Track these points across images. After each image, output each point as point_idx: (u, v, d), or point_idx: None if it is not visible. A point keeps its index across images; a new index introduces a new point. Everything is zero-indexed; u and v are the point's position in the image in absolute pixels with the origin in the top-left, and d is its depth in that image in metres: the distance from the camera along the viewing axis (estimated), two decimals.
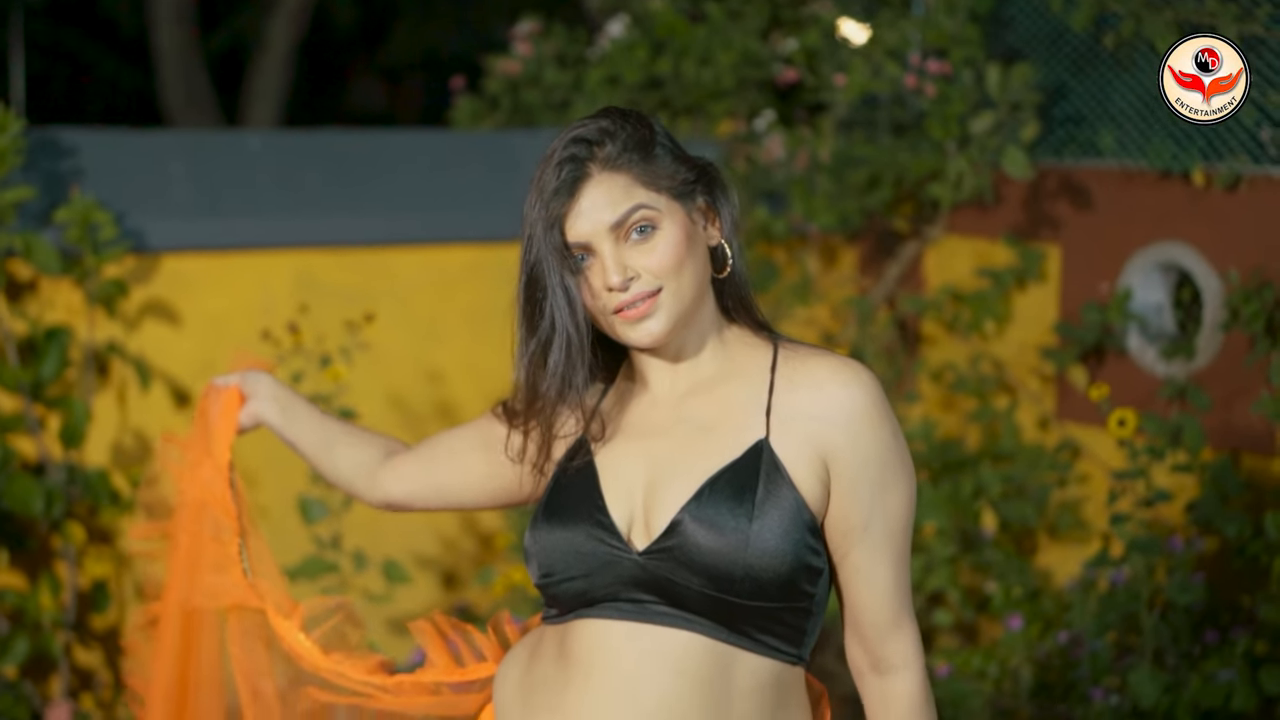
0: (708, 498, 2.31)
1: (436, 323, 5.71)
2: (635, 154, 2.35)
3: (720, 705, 2.33)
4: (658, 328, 2.35)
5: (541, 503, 2.43)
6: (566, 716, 2.36)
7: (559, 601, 2.39)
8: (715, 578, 2.29)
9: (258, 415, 2.96)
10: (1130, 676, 4.58)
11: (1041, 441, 5.56)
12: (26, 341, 4.94)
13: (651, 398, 2.44)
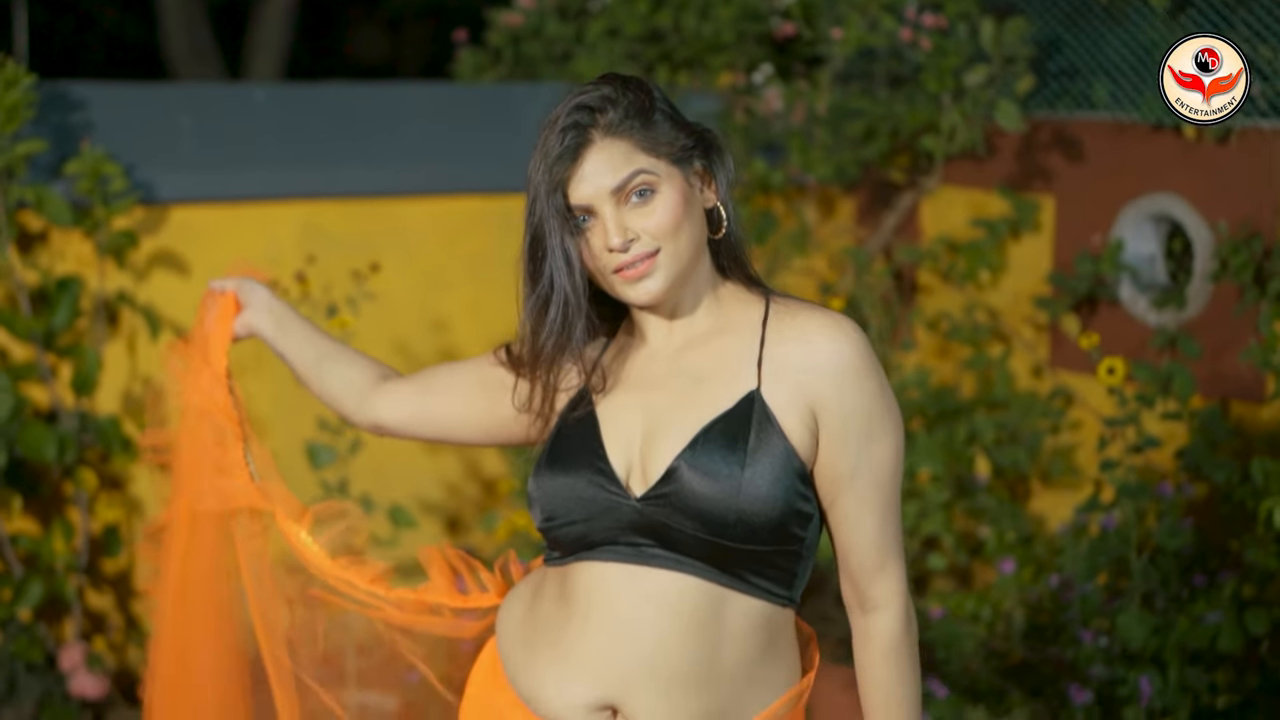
0: (702, 446, 2.41)
1: (441, 271, 5.81)
2: (636, 121, 2.44)
3: (713, 645, 2.44)
4: (656, 287, 2.44)
5: (544, 450, 2.52)
6: (566, 653, 2.46)
7: (560, 545, 2.49)
8: (709, 522, 2.39)
9: (251, 325, 2.98)
10: (1119, 619, 4.69)
11: (1035, 389, 5.66)
12: (38, 291, 5.04)
13: (649, 351, 2.54)
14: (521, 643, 2.54)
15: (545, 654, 2.49)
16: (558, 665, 2.47)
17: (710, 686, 2.45)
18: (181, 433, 2.99)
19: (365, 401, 2.87)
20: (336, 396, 2.92)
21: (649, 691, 2.43)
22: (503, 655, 2.57)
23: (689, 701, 2.44)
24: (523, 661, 2.52)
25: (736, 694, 2.48)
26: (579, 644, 2.46)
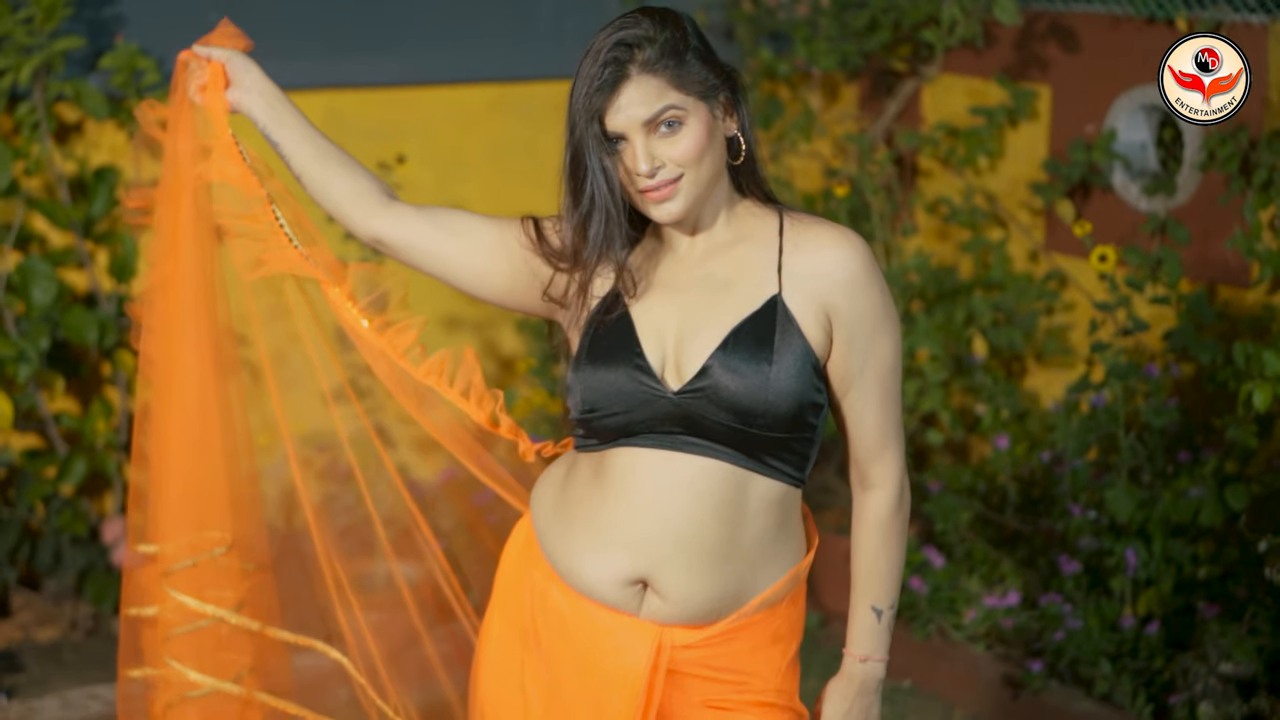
0: (733, 345, 2.66)
1: (460, 158, 6.02)
2: (670, 59, 2.66)
3: (735, 523, 2.70)
4: (677, 208, 2.68)
5: (583, 347, 2.73)
6: (602, 531, 2.70)
7: (598, 433, 2.72)
8: (740, 413, 2.64)
9: (242, 105, 2.93)
10: (1107, 494, 4.95)
11: (1030, 271, 5.89)
12: (76, 181, 5.26)
13: (675, 256, 2.78)
14: (557, 522, 2.77)
15: (582, 532, 2.72)
16: (594, 542, 2.70)
17: (730, 561, 2.70)
18: (166, 197, 3.01)
19: (372, 213, 2.87)
20: (340, 200, 2.88)
21: (677, 566, 2.68)
22: (538, 533, 2.80)
23: (712, 575, 2.69)
24: (559, 539, 2.75)
25: (752, 569, 2.73)
26: (615, 523, 2.69)
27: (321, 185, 2.89)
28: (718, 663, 2.74)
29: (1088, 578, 5.08)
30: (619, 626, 2.71)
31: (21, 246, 5.26)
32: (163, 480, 3.06)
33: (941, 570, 5.32)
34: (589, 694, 2.73)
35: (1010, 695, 5.02)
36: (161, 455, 3.06)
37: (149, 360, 3.09)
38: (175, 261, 3.01)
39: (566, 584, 2.74)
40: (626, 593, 2.70)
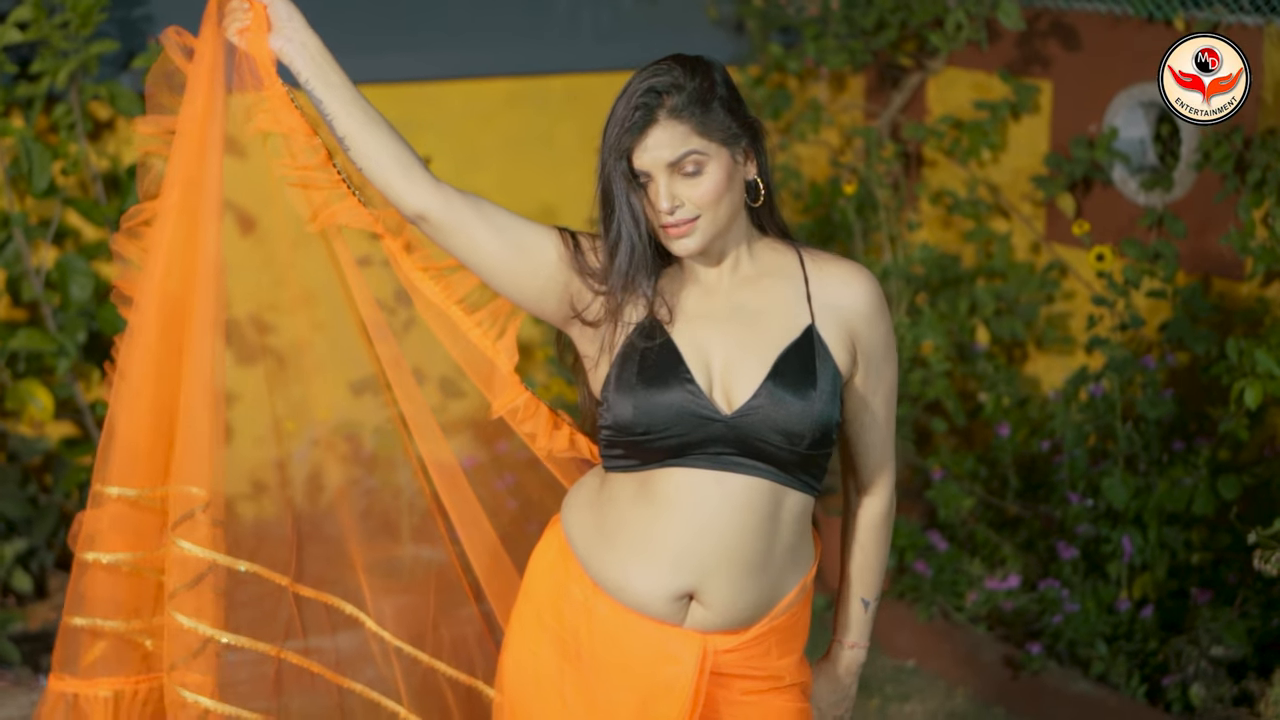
0: (781, 372, 2.86)
1: (477, 151, 6.19)
2: (696, 108, 2.83)
3: (772, 533, 2.90)
4: (694, 244, 2.86)
5: (629, 371, 2.88)
6: (654, 549, 2.88)
7: (645, 454, 2.88)
8: (789, 434, 2.84)
9: (284, 54, 2.90)
10: (1104, 482, 5.14)
11: (1032, 261, 6.06)
12: (109, 177, 5.43)
13: (705, 288, 2.95)
14: (601, 542, 2.93)
15: (631, 552, 2.89)
16: (645, 561, 2.87)
17: (766, 571, 2.91)
18: (189, 120, 2.99)
19: (421, 188, 2.87)
20: (387, 168, 2.87)
21: (722, 578, 2.87)
22: (579, 553, 2.95)
23: (751, 585, 2.90)
24: (605, 558, 2.91)
25: (781, 575, 2.94)
26: (666, 541, 2.87)
27: (369, 152, 2.87)
28: (753, 663, 2.95)
29: (1085, 563, 5.28)
30: (667, 638, 2.89)
31: (59, 242, 5.44)
32: (133, 420, 3.08)
33: (944, 554, 5.51)
34: (639, 701, 2.90)
35: (1010, 675, 5.22)
36: (132, 395, 3.09)
37: (125, 298, 3.10)
38: (179, 191, 3.00)
39: (615, 599, 2.91)
40: (674, 606, 2.89)
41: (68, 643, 3.17)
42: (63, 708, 3.19)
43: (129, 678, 3.22)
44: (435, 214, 2.87)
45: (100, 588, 3.16)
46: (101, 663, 3.18)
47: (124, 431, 3.09)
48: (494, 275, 2.91)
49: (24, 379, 5.27)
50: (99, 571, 3.16)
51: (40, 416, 5.18)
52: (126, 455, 3.10)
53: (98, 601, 3.16)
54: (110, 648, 3.19)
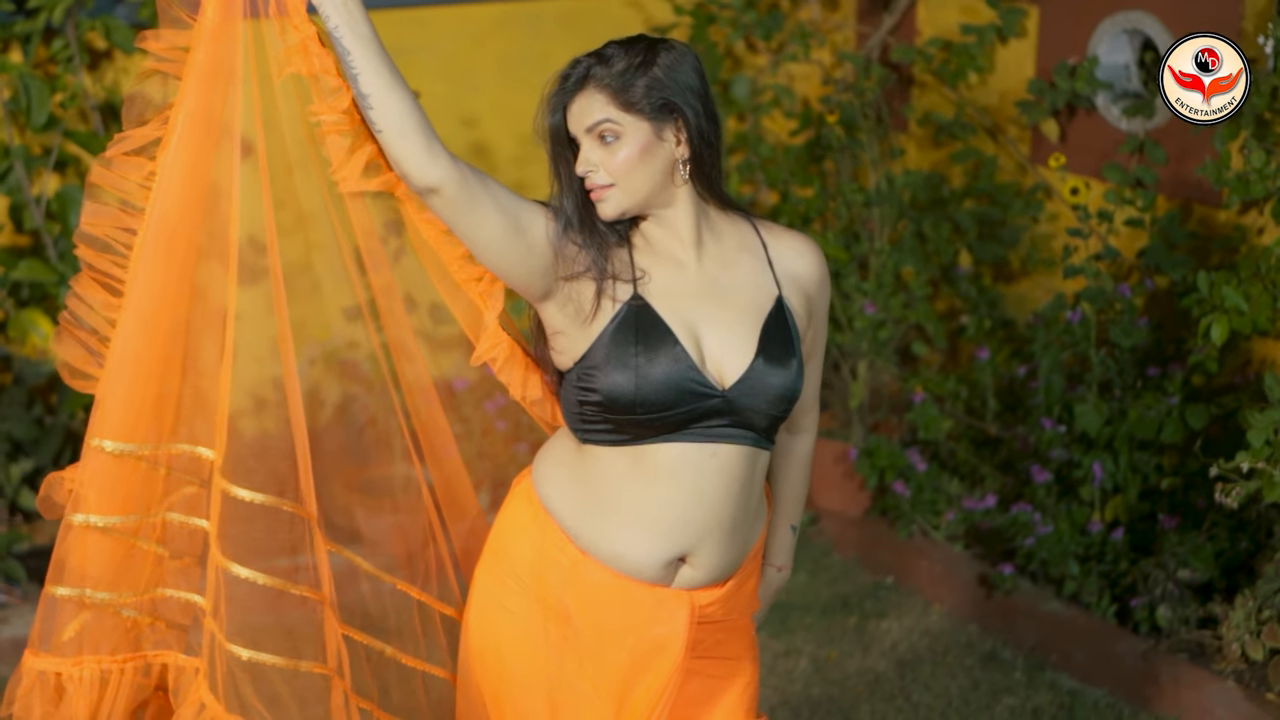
0: (768, 343, 3.01)
1: (471, 74, 6.28)
2: (616, 81, 2.94)
3: (747, 494, 3.07)
4: (609, 209, 2.98)
5: (627, 350, 2.96)
6: (651, 520, 3.01)
7: (639, 429, 2.98)
8: (776, 402, 3.01)
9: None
10: (1077, 408, 5.28)
11: (1018, 183, 6.15)
12: (107, 106, 5.55)
13: (676, 265, 3.05)
14: (594, 515, 3.03)
15: (627, 523, 3.01)
16: (642, 530, 3.00)
17: (743, 528, 3.09)
18: (206, 33, 2.91)
19: (436, 156, 2.83)
20: (407, 132, 2.82)
21: (711, 541, 3.03)
22: (566, 526, 3.05)
23: (733, 543, 3.07)
24: (599, 530, 3.03)
25: (751, 527, 3.12)
26: (662, 512, 3.00)
27: (392, 115, 2.82)
28: (727, 611, 3.13)
29: (1058, 486, 5.42)
30: (659, 599, 3.04)
31: (60, 170, 5.57)
32: (136, 367, 2.96)
33: (923, 474, 5.66)
34: (631, 659, 3.06)
35: (984, 594, 5.38)
36: (136, 335, 2.96)
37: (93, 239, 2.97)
38: (187, 115, 2.92)
39: (613, 569, 3.03)
40: (666, 570, 3.04)
41: (48, 615, 2.98)
42: (41, 688, 3.00)
43: (116, 655, 3.04)
44: (450, 188, 2.86)
45: (89, 554, 2.97)
46: (84, 638, 2.99)
47: (124, 379, 2.95)
48: (489, 251, 2.93)
49: (26, 307, 5.42)
50: (89, 535, 2.97)
51: (42, 344, 5.33)
52: (127, 405, 2.96)
53: (86, 570, 2.97)
54: (94, 620, 2.99)
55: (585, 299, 2.99)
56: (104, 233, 2.95)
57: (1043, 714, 4.91)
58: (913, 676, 5.13)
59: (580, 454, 3.08)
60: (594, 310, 2.99)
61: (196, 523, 3.03)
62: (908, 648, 5.30)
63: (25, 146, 5.40)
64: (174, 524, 3.04)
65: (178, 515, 3.04)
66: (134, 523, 3.01)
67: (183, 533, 3.05)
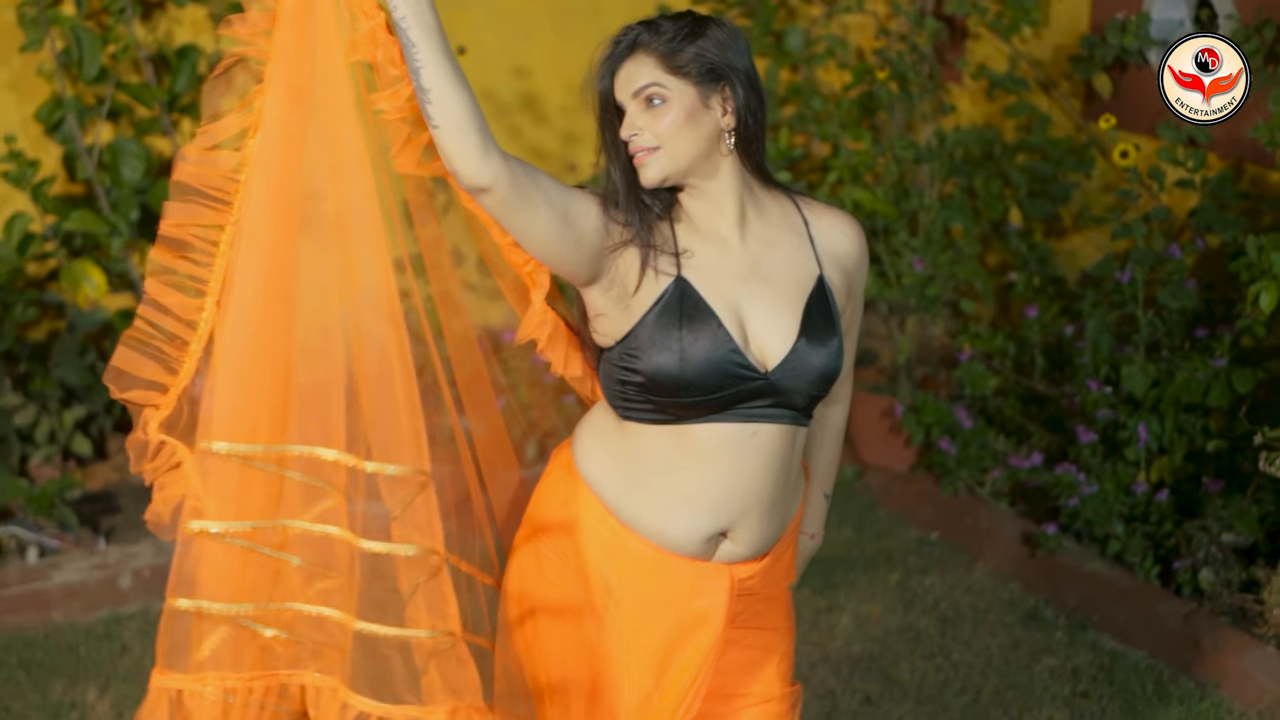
0: (810, 324, 3.04)
1: (523, 22, 6.28)
2: (665, 46, 2.96)
3: (786, 471, 3.10)
4: (651, 174, 2.98)
5: (671, 332, 2.98)
6: (694, 497, 3.04)
7: (682, 410, 3.01)
8: (818, 382, 3.05)
9: None
10: (1124, 369, 5.27)
11: (1071, 138, 6.12)
12: (158, 57, 5.59)
13: (721, 245, 3.06)
14: (636, 492, 3.07)
15: (670, 501, 3.05)
16: (685, 509, 3.04)
17: (782, 503, 3.13)
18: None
19: (490, 155, 2.79)
20: (464, 130, 2.78)
21: (752, 518, 3.07)
22: (608, 501, 3.08)
23: (773, 518, 3.11)
24: (642, 506, 3.06)
25: (790, 502, 3.16)
26: (705, 490, 3.04)
27: (452, 110, 2.77)
28: (765, 583, 3.17)
29: (1103, 446, 5.41)
30: (700, 573, 3.09)
31: (112, 119, 5.61)
32: (246, 360, 2.90)
33: (969, 431, 5.66)
34: (672, 631, 3.10)
35: (1028, 553, 5.39)
36: (243, 329, 2.89)
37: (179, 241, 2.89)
38: (281, 97, 2.86)
39: (656, 545, 3.07)
40: (707, 545, 3.08)
41: (173, 630, 2.90)
42: (166, 706, 2.93)
43: (242, 673, 2.95)
44: (502, 188, 2.82)
45: (206, 563, 2.90)
46: (215, 655, 2.91)
47: (231, 377, 2.87)
48: (539, 245, 2.91)
49: (79, 258, 5.48)
50: (207, 543, 2.89)
51: (94, 295, 5.39)
52: (234, 404, 2.88)
53: (201, 580, 2.89)
54: (227, 636, 2.92)
55: (629, 279, 3.00)
56: (188, 233, 2.87)
57: (1082, 674, 4.93)
58: (954, 634, 5.15)
59: (620, 429, 3.10)
60: (637, 288, 2.99)
61: (329, 530, 2.91)
62: (950, 605, 5.32)
63: (78, 97, 5.45)
64: (300, 532, 2.93)
65: (303, 523, 2.93)
66: (250, 529, 2.90)
67: (315, 541, 2.93)
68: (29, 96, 5.58)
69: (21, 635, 5.11)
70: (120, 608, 5.25)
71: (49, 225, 5.52)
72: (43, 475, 5.55)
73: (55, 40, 5.39)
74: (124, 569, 5.24)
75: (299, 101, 2.85)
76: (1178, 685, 4.84)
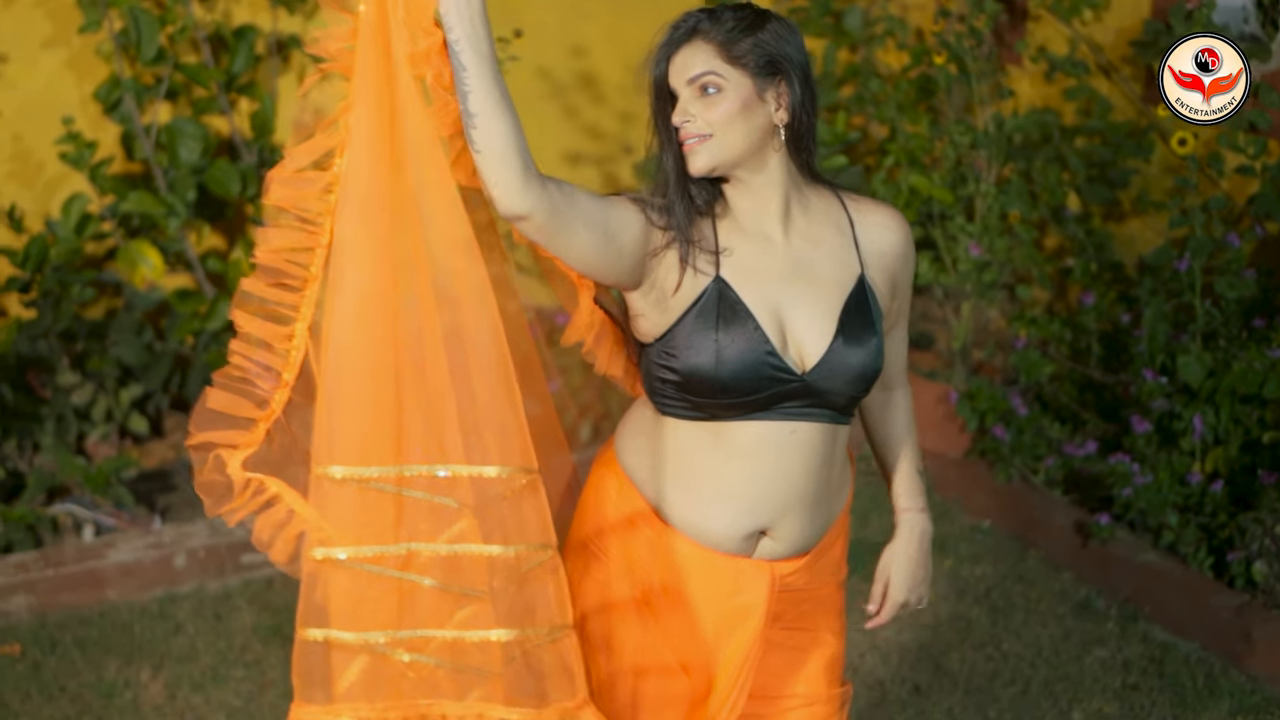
0: (847, 325, 3.02)
1: (581, 1, 6.26)
2: (724, 35, 2.95)
3: (829, 469, 3.09)
4: (701, 162, 2.95)
5: (708, 333, 2.97)
6: (732, 493, 3.04)
7: (718, 409, 3.00)
8: (856, 382, 3.02)
9: (441, 6, 2.71)
10: (1180, 359, 5.23)
11: (1132, 122, 6.07)
12: (215, 36, 5.60)
13: (764, 243, 3.05)
14: (675, 488, 3.07)
15: (708, 497, 3.05)
16: (724, 506, 3.04)
17: (824, 501, 3.11)
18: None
19: (530, 184, 2.75)
20: (507, 158, 2.73)
21: (792, 515, 3.06)
22: (649, 497, 3.09)
23: (814, 517, 3.10)
24: (681, 502, 3.06)
25: (833, 499, 3.14)
26: (744, 487, 3.04)
27: (497, 137, 2.73)
28: (809, 579, 3.16)
29: (1159, 436, 5.38)
30: (740, 570, 3.08)
31: (170, 98, 5.64)
32: (353, 382, 2.81)
33: (1024, 418, 5.63)
34: (714, 627, 3.10)
35: (1080, 542, 5.37)
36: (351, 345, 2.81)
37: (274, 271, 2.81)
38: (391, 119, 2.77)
39: (696, 541, 3.07)
40: (747, 542, 3.08)
41: (307, 662, 2.83)
42: None
43: (375, 703, 2.88)
44: (540, 217, 2.77)
45: (338, 591, 2.83)
46: (352, 688, 2.85)
47: (341, 398, 2.80)
48: (580, 263, 2.89)
49: (136, 238, 5.51)
50: (335, 571, 2.82)
51: (151, 275, 5.42)
52: (349, 426, 2.81)
53: (336, 609, 2.82)
54: (367, 666, 2.85)
55: (669, 282, 2.98)
56: (282, 260, 2.81)
57: (1133, 666, 4.91)
58: (1004, 624, 5.14)
59: (659, 424, 3.10)
60: (676, 287, 2.98)
61: (462, 550, 2.84)
62: (1001, 594, 5.30)
63: (135, 78, 5.47)
64: (431, 554, 2.85)
65: (434, 546, 2.85)
66: (377, 554, 2.82)
67: (446, 562, 2.85)
68: (88, 75, 5.61)
69: (77, 614, 5.16)
70: (175, 587, 5.29)
71: (107, 205, 5.55)
72: (99, 453, 5.60)
73: (113, 21, 5.41)
74: (179, 549, 5.28)
75: (383, 117, 2.78)
76: (1229, 679, 4.81)
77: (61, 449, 5.42)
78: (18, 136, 5.59)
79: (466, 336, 2.81)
